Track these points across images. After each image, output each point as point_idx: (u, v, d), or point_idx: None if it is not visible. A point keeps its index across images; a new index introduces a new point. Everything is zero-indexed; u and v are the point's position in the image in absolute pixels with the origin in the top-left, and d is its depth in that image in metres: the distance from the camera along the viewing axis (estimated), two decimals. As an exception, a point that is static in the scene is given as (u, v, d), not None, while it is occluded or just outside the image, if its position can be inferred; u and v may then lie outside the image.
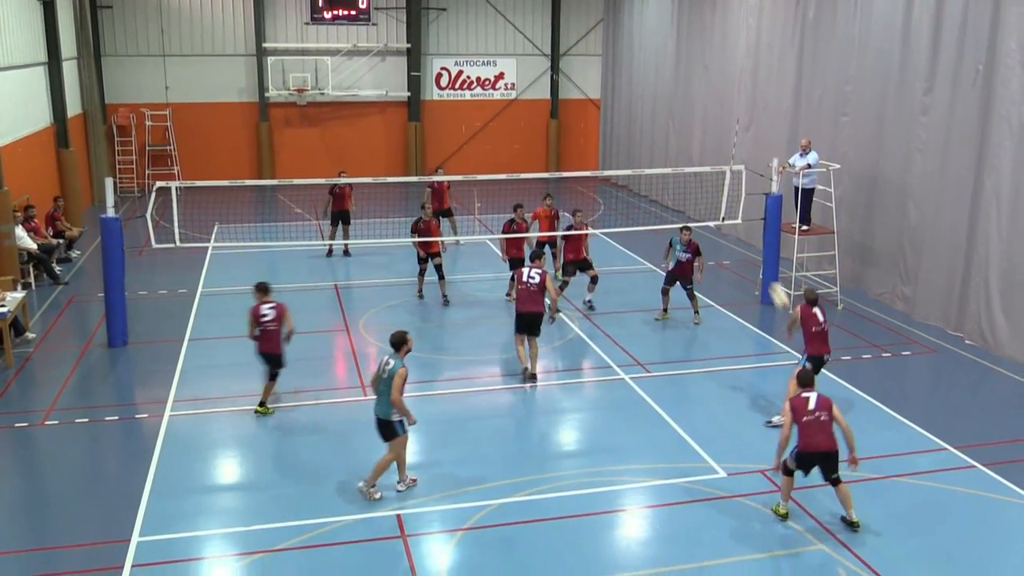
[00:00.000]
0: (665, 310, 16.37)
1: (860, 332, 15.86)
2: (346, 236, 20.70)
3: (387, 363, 9.97)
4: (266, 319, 12.02)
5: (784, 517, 9.65)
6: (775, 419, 11.90)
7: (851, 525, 9.44)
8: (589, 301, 16.98)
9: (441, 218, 20.18)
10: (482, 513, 9.77)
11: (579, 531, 9.48)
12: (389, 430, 9.95)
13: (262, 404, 12.32)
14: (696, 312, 16.22)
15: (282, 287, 18.42)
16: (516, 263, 16.52)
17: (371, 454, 11.09)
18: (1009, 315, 14.57)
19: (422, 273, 17.35)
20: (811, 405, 9.49)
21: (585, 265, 16.91)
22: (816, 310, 11.93)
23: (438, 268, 17.08)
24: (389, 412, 9.87)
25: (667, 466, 10.90)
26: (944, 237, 15.95)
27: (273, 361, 12.21)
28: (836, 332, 15.83)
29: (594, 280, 16.92)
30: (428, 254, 17.00)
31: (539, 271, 13.44)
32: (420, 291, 17.47)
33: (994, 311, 14.80)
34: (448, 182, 20.94)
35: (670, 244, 16.28)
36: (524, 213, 17.08)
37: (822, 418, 9.42)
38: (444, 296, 17.12)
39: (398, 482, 10.20)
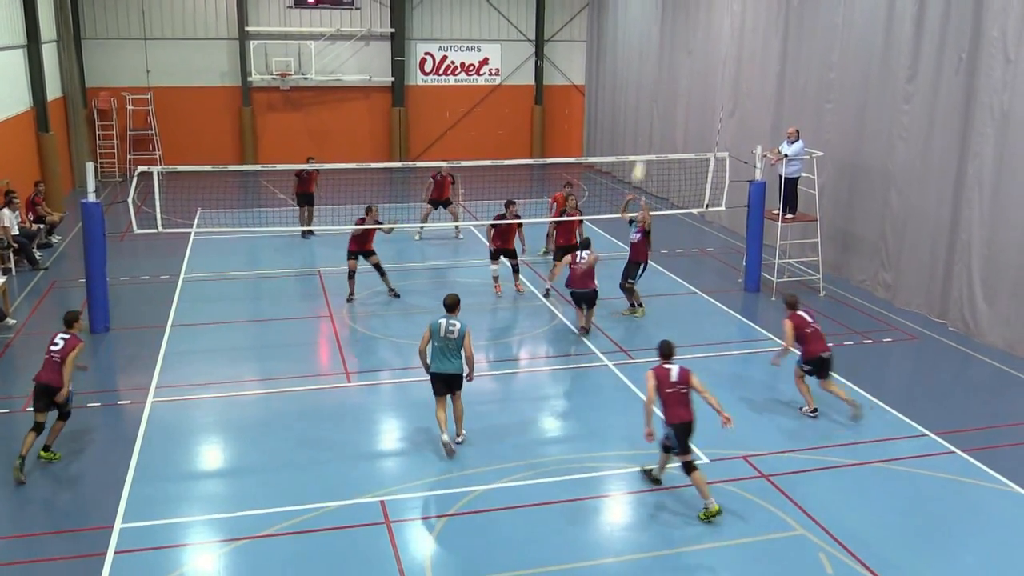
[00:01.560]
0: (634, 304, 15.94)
1: (842, 319, 15.96)
2: (311, 218, 21.07)
3: (451, 326, 10.57)
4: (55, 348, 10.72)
5: (658, 482, 10.00)
6: (805, 408, 11.99)
7: (708, 513, 9.36)
8: None
9: (441, 207, 21.11)
10: (466, 499, 9.80)
11: (562, 517, 9.52)
12: (460, 382, 10.77)
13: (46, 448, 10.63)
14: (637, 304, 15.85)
15: (265, 272, 18.39)
16: (501, 253, 16.54)
17: (356, 440, 11.11)
18: (991, 302, 14.68)
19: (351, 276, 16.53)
20: (673, 377, 9.64)
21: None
22: (802, 312, 12.01)
23: (376, 267, 16.57)
24: (462, 366, 10.67)
25: (650, 452, 10.92)
26: (927, 224, 16.05)
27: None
28: (818, 319, 15.92)
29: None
30: (362, 252, 16.48)
31: (588, 253, 14.67)
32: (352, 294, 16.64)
33: (976, 298, 14.92)
34: (452, 176, 21.11)
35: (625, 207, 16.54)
36: (516, 210, 17.07)
37: (683, 390, 9.61)
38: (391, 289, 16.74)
39: (460, 435, 10.91)
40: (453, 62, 32.35)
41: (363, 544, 9.01)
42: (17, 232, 18.30)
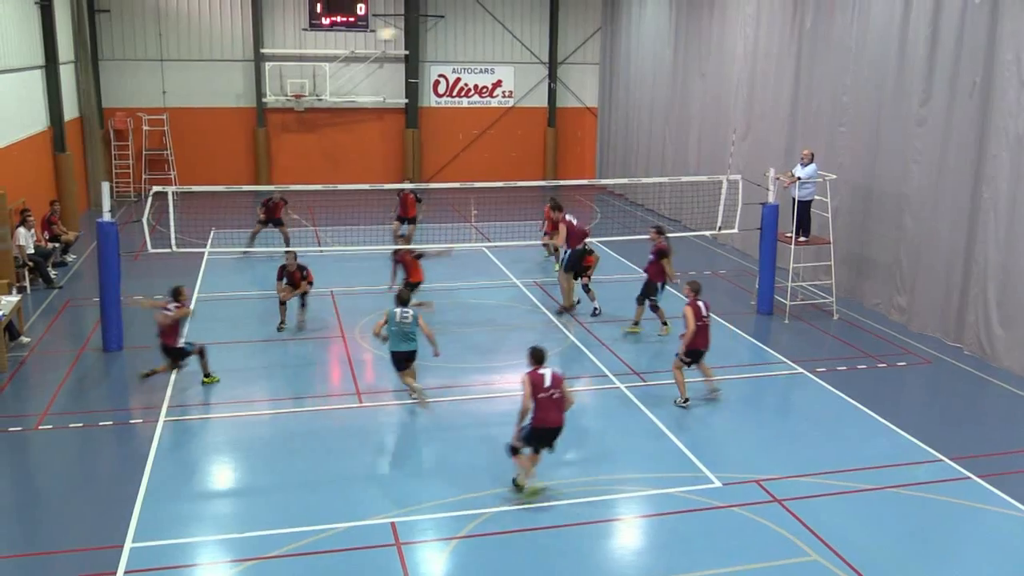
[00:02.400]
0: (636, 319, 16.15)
1: (855, 342, 15.88)
2: (286, 238, 21.14)
3: (404, 314, 12.37)
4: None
5: (521, 488, 10.16)
6: (677, 400, 12.72)
7: (522, 489, 10.14)
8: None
9: (408, 224, 21.48)
10: (476, 522, 9.75)
11: (574, 540, 9.45)
12: (413, 358, 12.71)
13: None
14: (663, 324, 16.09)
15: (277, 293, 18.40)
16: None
17: (366, 461, 11.09)
18: (1007, 326, 14.58)
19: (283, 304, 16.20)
20: (547, 382, 9.95)
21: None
22: (701, 303, 12.55)
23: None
24: (417, 346, 12.60)
25: (662, 476, 10.89)
26: (941, 248, 15.98)
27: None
28: (832, 343, 15.92)
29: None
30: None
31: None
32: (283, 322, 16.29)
33: (992, 322, 14.82)
34: (415, 194, 21.33)
35: None
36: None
37: (555, 396, 9.94)
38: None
39: (420, 396, 12.50)
40: (467, 84, 32.51)
41: (373, 566, 8.96)
42: (32, 251, 18.43)
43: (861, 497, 10.39)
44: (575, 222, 16.95)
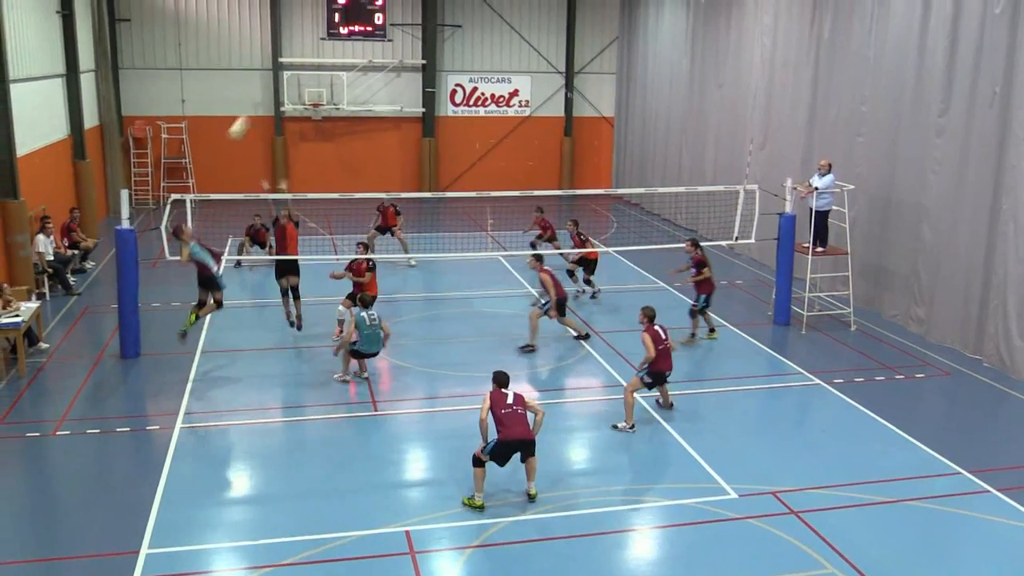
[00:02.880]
0: (693, 335, 16.30)
1: (873, 353, 15.78)
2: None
3: (373, 317, 13.44)
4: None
5: (481, 508, 10.10)
6: (620, 425, 12.38)
7: (530, 497, 10.28)
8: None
9: (387, 234, 21.43)
10: (492, 531, 9.73)
11: (589, 550, 9.42)
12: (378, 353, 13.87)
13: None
14: (709, 331, 16.40)
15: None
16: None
17: (382, 469, 11.09)
18: (1025, 338, 14.46)
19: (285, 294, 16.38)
20: (509, 400, 10.33)
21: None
22: (658, 327, 12.54)
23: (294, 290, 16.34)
24: (382, 347, 13.81)
25: (678, 486, 10.84)
26: (960, 259, 15.86)
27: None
28: (849, 354, 15.82)
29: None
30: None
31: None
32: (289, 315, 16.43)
33: (1012, 334, 14.69)
34: (395, 208, 21.47)
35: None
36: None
37: (519, 411, 10.27)
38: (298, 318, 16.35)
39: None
40: (483, 93, 32.59)
41: (388, 574, 8.95)
42: (52, 257, 18.57)
43: (879, 509, 10.31)
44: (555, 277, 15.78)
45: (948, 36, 15.98)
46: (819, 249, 17.26)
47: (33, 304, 15.40)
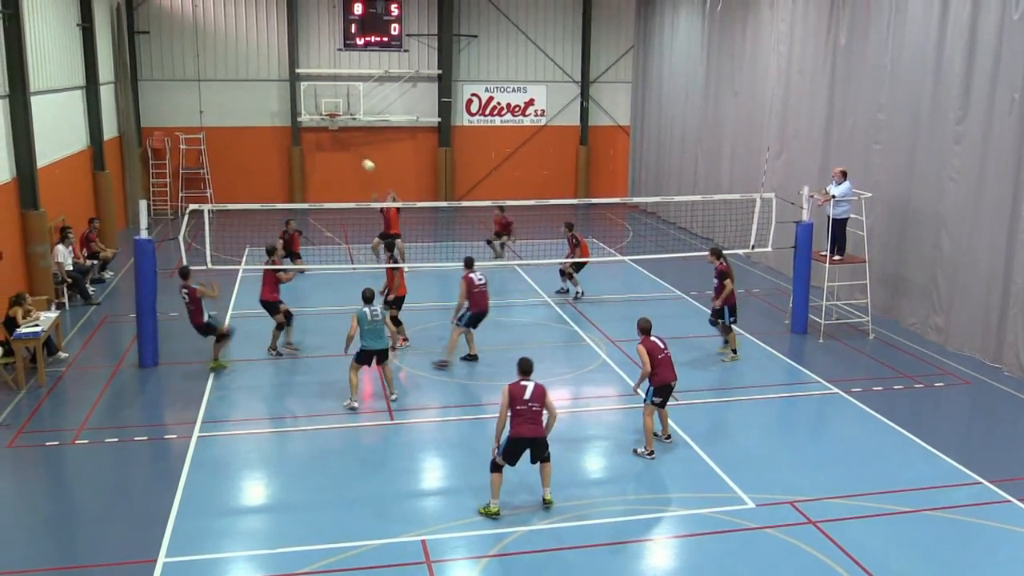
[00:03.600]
0: (729, 344, 15.83)
1: (892, 362, 15.67)
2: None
3: (375, 312, 13.24)
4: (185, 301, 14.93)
5: (496, 515, 10.02)
6: (639, 450, 11.88)
7: (546, 504, 10.22)
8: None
9: (391, 241, 20.73)
10: (508, 540, 9.71)
11: (605, 561, 9.38)
12: (387, 353, 13.49)
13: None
14: (730, 348, 15.78)
15: (312, 309, 18.55)
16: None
17: (398, 478, 11.09)
18: (1045, 347, 14.33)
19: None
20: (527, 395, 10.02)
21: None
22: (655, 338, 11.91)
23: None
24: (387, 341, 13.60)
25: (695, 496, 10.79)
26: (979, 267, 15.75)
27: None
28: (868, 362, 15.72)
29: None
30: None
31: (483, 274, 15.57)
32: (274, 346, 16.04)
33: (1030, 343, 14.57)
34: (397, 208, 21.12)
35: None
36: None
37: (534, 408, 10.01)
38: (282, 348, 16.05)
39: (393, 393, 13.49)
40: (499, 103, 32.65)
41: (404, 583, 8.95)
42: (71, 267, 18.71)
43: (897, 519, 10.22)
44: (477, 282, 15.24)
45: (966, 43, 15.90)
46: (836, 257, 17.18)
47: (52, 314, 15.53)
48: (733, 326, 15.69)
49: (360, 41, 30.96)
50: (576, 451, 12.25)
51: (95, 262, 20.40)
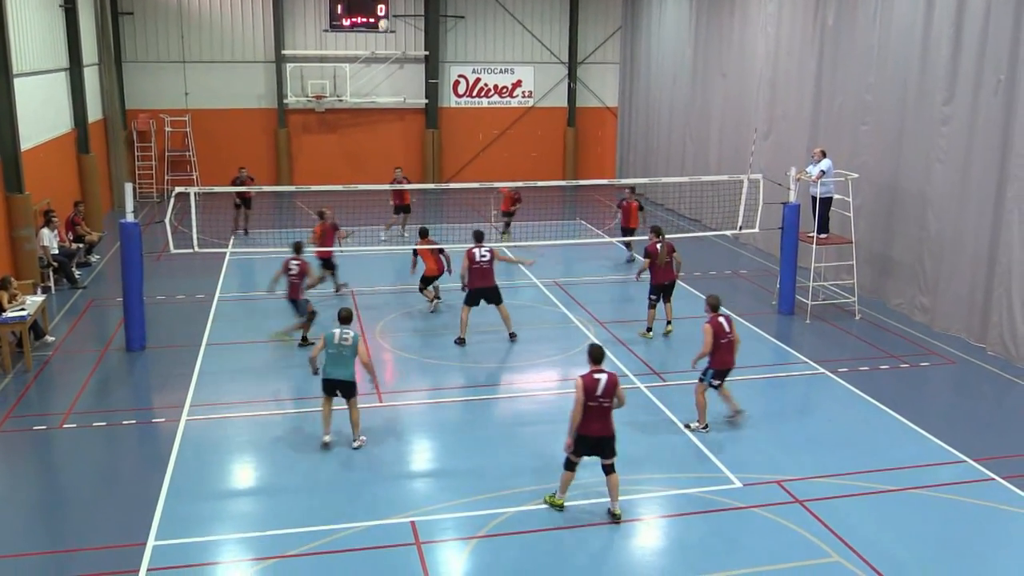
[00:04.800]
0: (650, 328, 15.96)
1: (878, 342, 15.76)
2: (248, 219, 23.35)
3: (345, 334, 11.25)
4: (291, 273, 14.87)
5: (561, 507, 9.86)
6: (692, 424, 12.04)
7: (614, 517, 9.68)
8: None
9: (404, 213, 22.77)
10: (497, 521, 9.75)
11: (594, 540, 9.44)
12: (352, 389, 11.38)
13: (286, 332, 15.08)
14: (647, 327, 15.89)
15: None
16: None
17: (386, 460, 11.11)
18: (1030, 326, 14.44)
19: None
20: (600, 390, 9.47)
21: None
22: (722, 319, 11.80)
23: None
24: (354, 373, 11.31)
25: (682, 476, 10.86)
26: (965, 247, 15.83)
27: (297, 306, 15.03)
28: (854, 343, 15.81)
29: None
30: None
31: (488, 249, 15.41)
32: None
33: (1016, 322, 14.67)
34: (405, 180, 22.40)
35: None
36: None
37: (605, 404, 9.51)
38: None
39: (356, 440, 11.45)
40: (486, 84, 32.54)
41: (393, 564, 8.98)
42: (56, 251, 18.61)
43: (883, 498, 10.32)
44: (478, 258, 15.28)
45: (953, 24, 15.92)
46: (822, 236, 17.23)
47: (38, 298, 15.45)
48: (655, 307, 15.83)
49: (346, 22, 30.76)
50: (564, 431, 12.26)
51: (81, 246, 20.29)
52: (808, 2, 20.46)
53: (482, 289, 15.25)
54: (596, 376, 9.55)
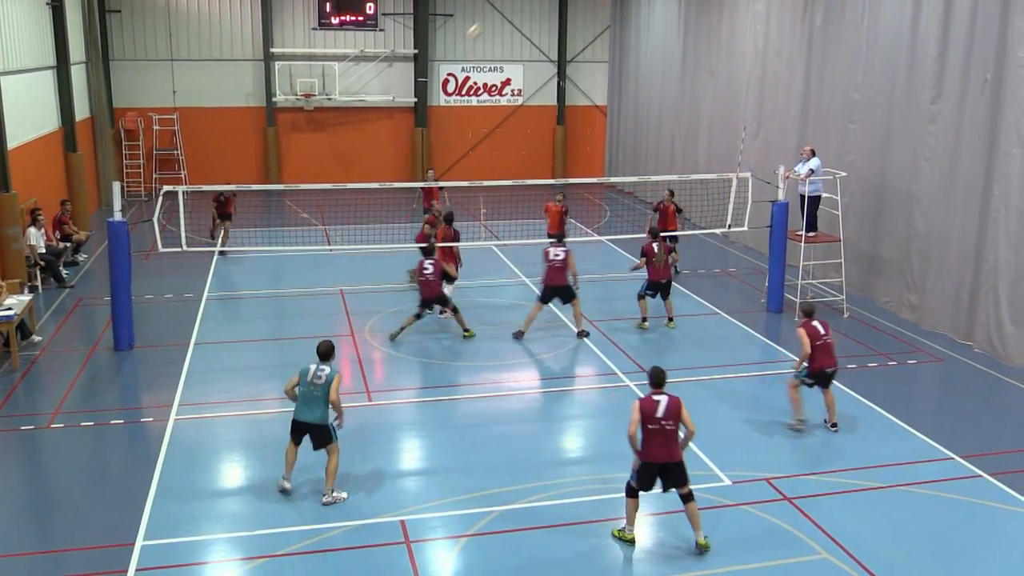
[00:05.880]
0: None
1: (866, 340, 15.83)
2: (227, 235, 21.45)
3: (320, 371, 10.08)
4: (427, 272, 14.93)
5: (631, 542, 9.23)
6: (792, 421, 12.00)
7: (701, 548, 9.09)
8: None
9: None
10: (486, 520, 9.76)
11: (583, 538, 9.45)
12: (325, 435, 10.12)
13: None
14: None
15: (288, 291, 18.49)
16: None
17: (376, 459, 11.10)
18: (1019, 324, 14.51)
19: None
20: (660, 412, 8.99)
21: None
22: (816, 323, 11.85)
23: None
24: (326, 416, 10.08)
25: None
26: (952, 245, 15.91)
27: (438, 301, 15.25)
28: (842, 340, 15.84)
29: None
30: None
31: (563, 249, 15.50)
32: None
33: (1003, 320, 14.75)
34: (439, 187, 21.49)
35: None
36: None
37: (668, 427, 8.98)
38: None
39: (326, 494, 10.06)
40: (476, 83, 32.52)
41: (383, 564, 8.98)
42: (43, 250, 18.52)
43: (871, 495, 10.36)
44: (551, 256, 15.52)
45: (940, 23, 15.99)
46: (810, 235, 17.29)
47: (25, 297, 15.37)
48: (646, 298, 16.25)
49: (335, 20, 30.68)
50: (554, 430, 12.32)
51: (68, 244, 20.19)
52: (796, 1, 20.52)
53: (555, 287, 15.52)
54: (655, 398, 9.10)
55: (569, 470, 11.08)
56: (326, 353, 10.27)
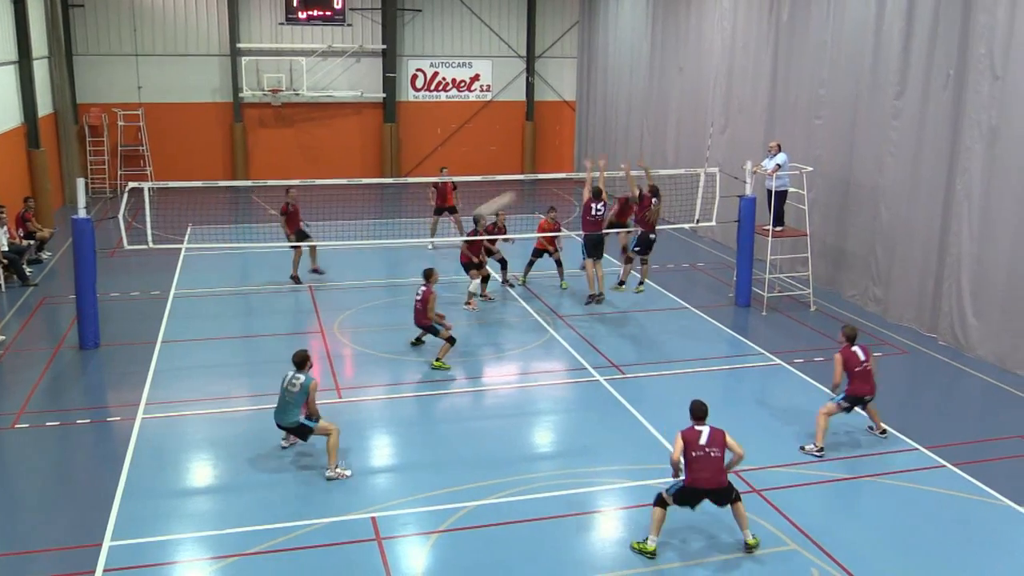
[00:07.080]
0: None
1: (833, 333, 15.93)
2: (313, 250, 19.19)
3: (295, 379, 10.59)
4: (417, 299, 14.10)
5: (652, 555, 9.03)
6: (807, 447, 11.43)
7: (749, 547, 9.09)
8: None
9: (446, 214, 21.60)
10: (457, 515, 9.76)
11: (554, 533, 9.49)
12: (304, 431, 10.74)
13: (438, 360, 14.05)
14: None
15: (256, 288, 18.36)
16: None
17: (346, 456, 11.06)
18: (981, 316, 14.74)
19: None
20: (703, 440, 9.02)
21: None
22: (857, 348, 11.48)
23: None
24: (299, 418, 10.63)
25: (641, 467, 10.94)
26: (916, 239, 16.12)
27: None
28: (808, 334, 16.03)
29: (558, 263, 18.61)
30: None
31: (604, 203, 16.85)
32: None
33: (966, 312, 14.97)
34: (453, 182, 21.42)
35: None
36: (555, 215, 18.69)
37: (713, 454, 9.00)
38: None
39: (328, 468, 10.58)
40: (444, 78, 32.45)
41: (354, 561, 8.96)
42: (6, 248, 18.25)
43: (838, 486, 10.50)
44: (593, 211, 16.95)
45: (904, 19, 16.18)
46: (778, 229, 17.45)
47: (-12, 296, 15.15)
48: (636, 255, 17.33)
49: (302, 15, 30.46)
50: (524, 425, 12.34)
51: (32, 242, 19.92)
52: (763, -3, 20.67)
53: (595, 236, 16.70)
54: (698, 428, 9.13)
55: (540, 465, 11.11)
56: (300, 362, 10.77)
